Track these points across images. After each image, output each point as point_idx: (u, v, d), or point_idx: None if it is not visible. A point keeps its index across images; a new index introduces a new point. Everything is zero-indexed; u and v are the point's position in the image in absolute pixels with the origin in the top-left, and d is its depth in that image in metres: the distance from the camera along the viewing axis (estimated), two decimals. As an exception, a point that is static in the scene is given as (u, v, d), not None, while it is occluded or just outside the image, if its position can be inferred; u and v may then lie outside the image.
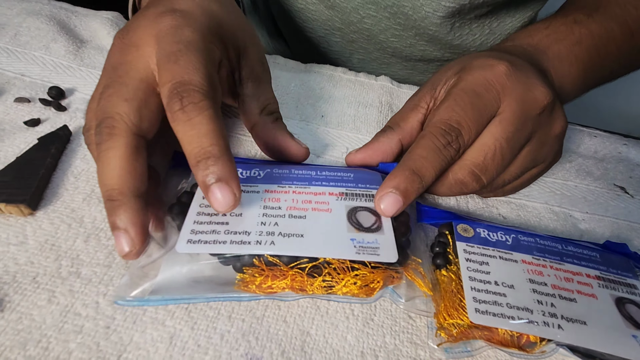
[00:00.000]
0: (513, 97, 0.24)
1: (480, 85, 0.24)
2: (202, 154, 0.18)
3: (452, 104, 0.24)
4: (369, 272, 0.21)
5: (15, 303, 0.18)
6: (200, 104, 0.19)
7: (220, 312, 0.20)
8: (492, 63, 0.25)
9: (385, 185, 0.22)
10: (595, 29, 0.32)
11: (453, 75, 0.26)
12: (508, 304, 0.20)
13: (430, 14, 0.39)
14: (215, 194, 0.18)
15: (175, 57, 0.20)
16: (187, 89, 0.19)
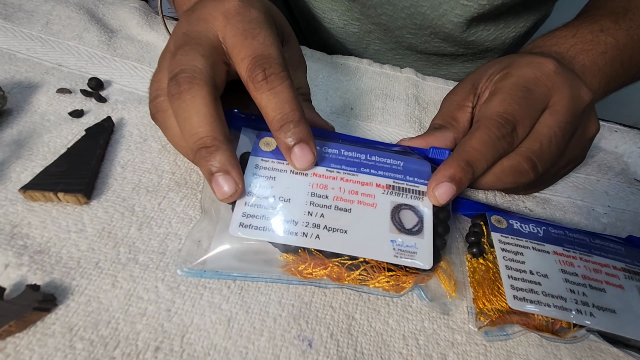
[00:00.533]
0: (563, 93, 0.25)
1: (531, 81, 0.25)
2: (284, 119, 0.21)
3: (506, 97, 0.25)
4: (402, 275, 0.22)
5: (82, 287, 0.20)
6: (281, 75, 0.21)
7: (271, 297, 0.21)
8: (541, 61, 0.26)
9: (441, 174, 0.23)
10: (621, 38, 0.32)
11: (497, 72, 0.27)
12: (543, 292, 0.21)
13: (448, 11, 0.39)
14: (296, 153, 0.21)
15: (252, 34, 0.21)
16: (268, 62, 0.20)
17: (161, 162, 0.26)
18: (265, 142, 0.24)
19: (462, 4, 0.38)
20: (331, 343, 0.20)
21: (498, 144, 0.24)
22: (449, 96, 0.30)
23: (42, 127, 0.27)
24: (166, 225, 0.23)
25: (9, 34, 0.33)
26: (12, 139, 0.25)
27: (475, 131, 0.24)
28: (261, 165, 0.23)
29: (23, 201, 0.22)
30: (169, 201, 0.24)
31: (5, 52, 0.31)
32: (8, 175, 0.23)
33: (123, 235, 0.22)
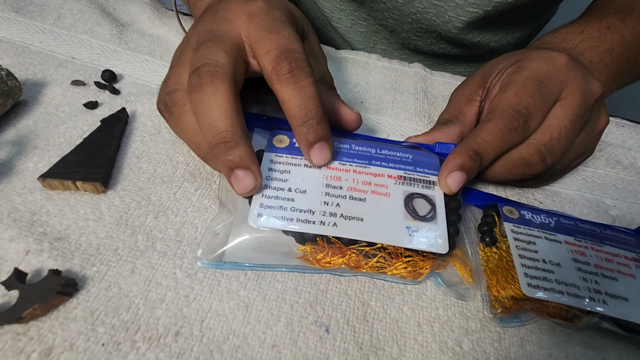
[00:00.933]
0: (574, 86, 0.25)
1: (545, 74, 0.25)
2: (307, 115, 0.21)
3: (520, 90, 0.25)
4: (419, 260, 0.22)
5: (102, 273, 0.20)
6: (306, 70, 0.21)
7: (287, 284, 0.21)
8: (553, 55, 0.26)
9: (451, 163, 0.23)
10: (627, 36, 0.33)
11: (509, 66, 0.27)
12: (557, 280, 0.22)
13: (453, 17, 0.40)
14: (315, 150, 0.22)
15: (277, 30, 0.21)
16: (294, 56, 0.21)
17: (175, 153, 0.27)
18: (278, 140, 0.25)
19: (468, 11, 0.39)
20: (347, 329, 0.20)
21: (509, 136, 0.24)
22: (457, 90, 0.30)
23: (58, 118, 0.27)
24: (182, 214, 0.23)
25: (22, 27, 0.33)
26: (28, 129, 0.26)
27: (487, 123, 0.24)
28: (276, 160, 0.23)
29: (41, 189, 0.23)
30: (184, 191, 0.24)
31: (19, 44, 0.31)
32: (25, 164, 0.24)
33: (140, 223, 0.22)
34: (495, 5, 0.38)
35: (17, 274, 0.18)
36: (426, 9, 0.41)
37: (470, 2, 0.39)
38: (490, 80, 0.28)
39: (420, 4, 0.41)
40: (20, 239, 0.20)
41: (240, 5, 0.23)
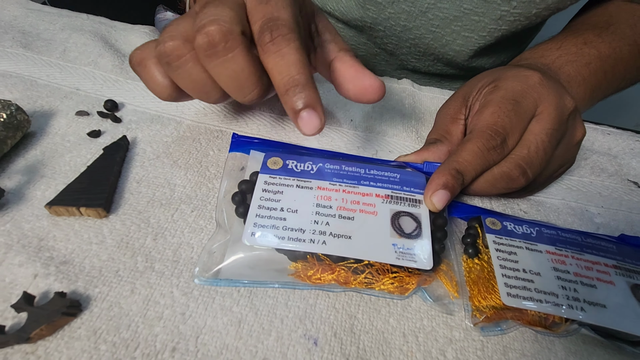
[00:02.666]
0: (548, 102, 0.27)
1: (519, 94, 0.27)
2: (290, 82, 0.20)
3: (496, 110, 0.26)
4: (405, 276, 0.23)
5: (104, 294, 0.21)
6: (288, 36, 0.20)
7: (278, 299, 0.23)
8: (527, 74, 0.28)
9: (435, 182, 0.25)
10: (604, 50, 0.34)
11: (486, 85, 0.29)
12: (536, 289, 0.23)
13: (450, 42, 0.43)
14: (303, 118, 0.21)
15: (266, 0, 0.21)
16: (276, 24, 0.20)
17: (173, 176, 0.28)
18: (272, 162, 0.26)
19: (464, 36, 0.41)
20: (335, 341, 0.21)
21: (488, 155, 0.25)
22: (442, 110, 0.31)
23: (63, 147, 0.29)
24: (179, 235, 0.25)
25: (30, 61, 0.35)
26: (36, 159, 0.27)
27: (467, 142, 0.26)
28: (269, 182, 0.25)
29: (48, 216, 0.24)
30: (181, 213, 0.26)
31: (27, 78, 0.34)
32: (34, 193, 0.25)
33: (140, 245, 0.24)
34: (490, 30, 0.40)
35: (25, 297, 0.19)
36: (424, 35, 0.43)
37: (467, 27, 0.41)
38: (471, 98, 0.29)
39: (418, 30, 0.43)
40: (29, 263, 0.22)
41: None
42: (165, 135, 0.31)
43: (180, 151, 0.30)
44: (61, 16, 0.42)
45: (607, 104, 0.41)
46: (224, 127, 0.33)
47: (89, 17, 0.43)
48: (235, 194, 0.25)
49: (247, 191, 0.25)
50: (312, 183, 0.25)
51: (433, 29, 0.42)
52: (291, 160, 0.26)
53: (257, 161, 0.27)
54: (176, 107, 0.34)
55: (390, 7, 0.41)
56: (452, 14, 0.40)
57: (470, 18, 0.40)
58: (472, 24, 0.40)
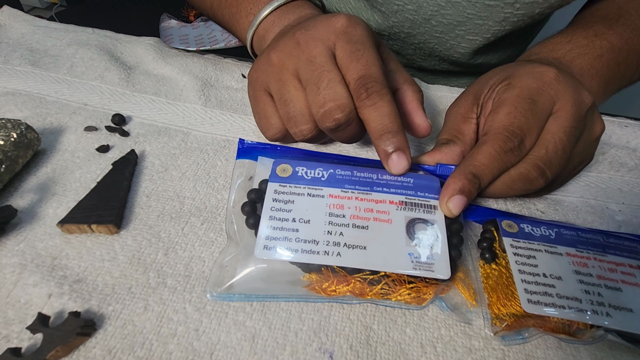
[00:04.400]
0: (565, 98, 0.26)
1: (535, 91, 0.26)
2: (384, 129, 0.24)
3: (512, 110, 0.25)
4: (422, 286, 0.22)
5: (118, 312, 0.21)
6: (381, 92, 0.24)
7: (292, 312, 0.22)
8: (542, 70, 0.27)
9: (451, 188, 0.24)
10: (615, 42, 0.33)
11: (499, 82, 0.28)
12: (558, 294, 0.22)
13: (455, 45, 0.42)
14: (393, 159, 0.25)
15: (357, 56, 0.25)
16: (370, 81, 0.24)
17: (182, 189, 0.28)
18: (282, 169, 0.26)
19: (469, 39, 0.41)
20: (351, 354, 0.21)
21: (505, 157, 0.25)
22: (452, 109, 0.31)
23: (73, 163, 0.29)
24: (190, 249, 0.25)
25: (38, 79, 0.36)
26: (47, 177, 0.28)
27: (483, 145, 0.25)
28: (280, 191, 0.24)
29: (60, 234, 0.24)
30: (191, 226, 0.26)
31: (37, 96, 0.34)
32: (46, 211, 0.26)
33: (151, 260, 0.24)
34: (494, 32, 0.39)
35: (40, 318, 0.20)
36: (428, 40, 0.43)
37: (471, 31, 0.40)
38: (483, 97, 0.28)
39: (422, 36, 0.42)
40: (43, 283, 0.22)
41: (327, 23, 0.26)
42: (173, 147, 0.31)
43: (188, 163, 0.30)
44: (67, 32, 0.42)
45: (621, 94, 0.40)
46: (231, 136, 0.33)
47: (94, 32, 0.43)
48: (245, 204, 0.25)
49: (257, 200, 0.25)
50: (323, 191, 0.25)
51: (437, 34, 0.42)
52: (301, 167, 0.26)
53: (265, 168, 0.27)
54: (183, 118, 0.34)
55: (393, 17, 0.41)
56: (456, 19, 0.39)
57: (474, 22, 0.39)
58: (475, 27, 0.40)
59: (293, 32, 0.27)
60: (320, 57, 0.25)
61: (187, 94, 0.36)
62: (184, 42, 0.63)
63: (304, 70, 0.26)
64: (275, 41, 0.28)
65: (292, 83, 0.27)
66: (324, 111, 0.25)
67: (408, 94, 0.28)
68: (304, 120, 0.27)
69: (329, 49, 0.26)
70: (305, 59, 0.25)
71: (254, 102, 0.30)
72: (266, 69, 0.28)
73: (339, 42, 0.25)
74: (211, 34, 0.68)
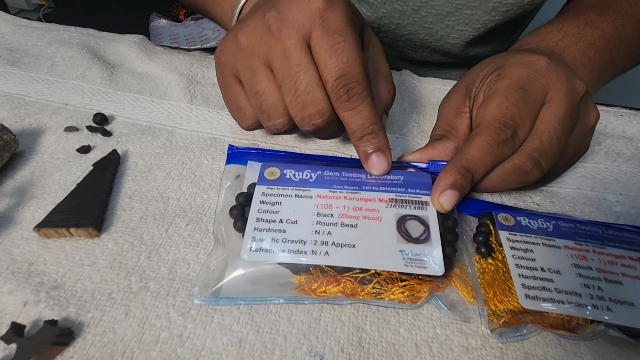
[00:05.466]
0: (558, 87, 0.25)
1: (526, 81, 0.25)
2: (364, 132, 0.23)
3: (503, 101, 0.25)
4: (416, 284, 0.22)
5: (97, 319, 0.20)
6: (362, 94, 0.23)
7: (280, 315, 0.21)
8: (532, 59, 0.26)
9: (442, 182, 0.23)
10: (607, 29, 0.32)
11: (489, 74, 0.27)
12: (556, 289, 0.21)
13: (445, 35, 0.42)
14: (372, 160, 0.24)
15: (336, 51, 0.22)
16: (351, 82, 0.22)
17: (166, 189, 0.27)
18: (269, 172, 0.25)
19: (458, 29, 0.40)
20: (343, 357, 0.20)
21: (498, 150, 0.24)
22: (444, 103, 0.30)
23: (53, 165, 0.28)
24: (174, 252, 0.24)
25: (17, 79, 0.35)
26: (25, 179, 0.27)
27: (474, 137, 0.24)
28: (267, 193, 0.24)
29: (38, 239, 0.23)
30: (175, 227, 0.25)
31: (15, 96, 0.33)
32: (23, 215, 0.24)
33: (133, 264, 0.23)
34: (484, 22, 0.39)
35: (14, 327, 0.19)
36: (418, 31, 0.42)
37: (460, 22, 0.40)
38: (474, 89, 0.28)
39: (412, 27, 0.42)
40: (19, 290, 0.21)
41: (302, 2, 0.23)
42: (157, 147, 0.30)
43: (173, 162, 0.29)
44: (49, 30, 0.41)
45: (615, 83, 0.39)
46: (218, 134, 0.32)
47: (77, 30, 0.42)
48: (233, 208, 0.24)
49: (245, 204, 0.24)
50: (311, 192, 0.24)
51: (426, 25, 0.41)
52: (289, 170, 0.25)
53: (254, 172, 0.26)
54: (168, 116, 0.33)
55: (382, 7, 0.41)
56: (445, 10, 0.39)
57: (463, 12, 0.39)
58: (465, 17, 0.39)
59: (263, 13, 0.23)
60: (295, 52, 0.23)
61: (172, 92, 0.35)
62: (174, 42, 0.61)
63: (278, 65, 0.23)
64: (244, 20, 0.25)
65: (264, 73, 0.24)
66: (302, 115, 0.23)
67: (377, 90, 0.26)
68: (277, 114, 0.24)
69: (303, 39, 0.23)
70: (279, 52, 0.23)
71: (224, 90, 0.27)
72: (234, 52, 0.25)
73: (315, 30, 0.22)
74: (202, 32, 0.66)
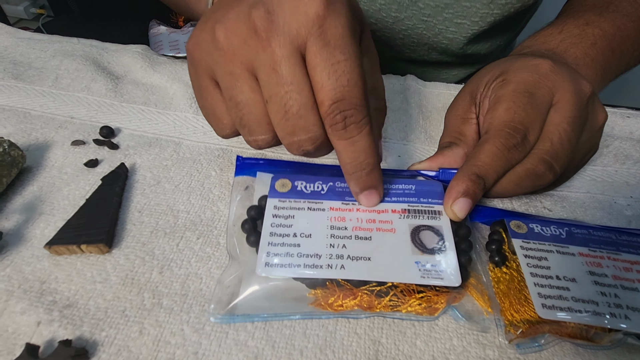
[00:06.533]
0: (564, 88, 0.25)
1: (532, 84, 0.25)
2: (358, 166, 0.21)
3: (510, 105, 0.24)
4: (433, 295, 0.21)
5: (112, 337, 0.20)
6: (360, 123, 0.20)
7: (296, 329, 0.21)
8: (536, 63, 0.26)
9: (455, 190, 0.23)
10: (608, 29, 0.32)
11: (493, 79, 0.27)
12: (573, 297, 0.21)
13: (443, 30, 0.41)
14: (364, 196, 0.23)
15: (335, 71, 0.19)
16: (349, 109, 0.19)
17: (176, 202, 0.27)
18: (280, 184, 0.25)
19: (456, 23, 0.40)
20: (360, 371, 0.20)
21: (509, 155, 0.24)
22: (450, 111, 0.30)
23: (61, 180, 0.28)
24: (186, 266, 0.23)
25: (22, 92, 0.34)
26: (34, 195, 0.26)
27: (484, 144, 0.24)
28: (279, 206, 0.24)
29: (49, 256, 0.23)
30: (186, 241, 0.25)
31: (21, 111, 0.33)
32: (33, 232, 0.24)
33: (146, 280, 0.23)
34: (482, 15, 0.39)
35: (28, 349, 0.18)
36: (416, 25, 0.42)
37: (459, 14, 0.39)
38: (479, 95, 0.28)
39: (410, 21, 0.42)
40: (31, 310, 0.21)
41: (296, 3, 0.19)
42: (165, 159, 0.30)
43: (181, 174, 0.29)
44: (52, 42, 0.41)
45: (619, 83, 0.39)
46: (225, 145, 0.32)
47: (79, 41, 0.42)
48: (245, 222, 0.24)
49: (257, 217, 0.24)
50: (323, 204, 0.24)
51: (424, 18, 0.41)
52: (300, 182, 0.25)
53: (264, 183, 0.26)
54: (174, 128, 0.33)
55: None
56: (443, 1, 0.38)
57: (461, 4, 0.38)
58: (463, 10, 0.39)
59: (249, 8, 0.19)
60: (287, 66, 0.19)
61: (177, 102, 0.35)
62: (174, 48, 0.61)
63: (265, 77, 0.19)
64: (224, 9, 0.21)
65: (247, 82, 0.20)
66: (291, 140, 0.20)
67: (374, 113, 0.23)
68: (260, 130, 0.21)
69: (297, 49, 0.19)
70: (267, 62, 0.19)
71: (197, 91, 0.24)
72: (211, 50, 0.21)
73: (312, 43, 0.19)
74: (201, 38, 0.67)
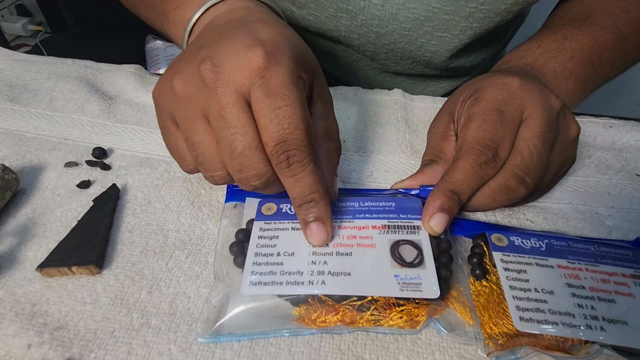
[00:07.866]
0: (533, 105, 0.26)
1: (502, 102, 0.26)
2: (304, 200, 0.23)
3: (481, 123, 0.25)
4: (413, 307, 0.22)
5: (100, 358, 0.21)
6: (304, 162, 0.22)
7: (281, 346, 0.22)
8: (506, 81, 0.27)
9: (431, 206, 0.24)
10: (586, 42, 0.33)
11: (467, 97, 0.28)
12: (550, 310, 0.21)
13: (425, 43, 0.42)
14: (312, 229, 0.23)
15: (277, 116, 0.21)
16: (292, 149, 0.21)
17: (166, 221, 0.28)
18: (267, 208, 0.26)
19: (437, 36, 0.41)
20: (343, 387, 0.20)
21: (481, 171, 0.24)
22: (431, 129, 0.31)
23: (54, 202, 0.28)
24: (175, 285, 0.24)
25: (17, 115, 0.35)
26: (27, 218, 0.27)
27: (458, 160, 0.25)
28: (265, 227, 0.25)
29: (40, 278, 0.24)
30: (175, 260, 0.25)
31: (16, 133, 0.34)
32: (25, 254, 0.25)
33: (135, 300, 0.23)
34: (462, 28, 0.40)
35: (19, 372, 0.19)
36: (398, 39, 0.43)
37: (439, 27, 0.40)
38: (456, 113, 0.28)
39: (391, 35, 0.43)
40: (22, 332, 0.21)
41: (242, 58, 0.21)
42: (156, 178, 0.31)
43: (171, 194, 0.30)
44: (47, 64, 0.42)
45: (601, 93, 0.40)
46: (214, 163, 0.33)
47: (74, 62, 0.43)
48: (233, 244, 0.25)
49: (245, 240, 0.25)
50: None
51: (405, 32, 0.42)
52: (285, 204, 0.26)
53: (253, 208, 0.27)
54: (165, 147, 0.34)
55: (361, 14, 0.41)
56: (422, 14, 0.39)
57: (440, 17, 0.39)
58: (442, 23, 0.40)
59: (199, 62, 0.21)
60: (231, 111, 0.21)
61: (168, 122, 0.36)
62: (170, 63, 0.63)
63: (214, 122, 0.21)
64: (183, 61, 0.23)
65: (201, 125, 0.22)
66: (239, 177, 0.22)
67: (322, 151, 0.25)
68: (215, 167, 0.23)
69: (242, 97, 0.21)
70: (215, 109, 0.21)
71: (162, 132, 0.25)
72: (171, 98, 0.23)
73: (255, 91, 0.21)
74: (197, 53, 0.68)
